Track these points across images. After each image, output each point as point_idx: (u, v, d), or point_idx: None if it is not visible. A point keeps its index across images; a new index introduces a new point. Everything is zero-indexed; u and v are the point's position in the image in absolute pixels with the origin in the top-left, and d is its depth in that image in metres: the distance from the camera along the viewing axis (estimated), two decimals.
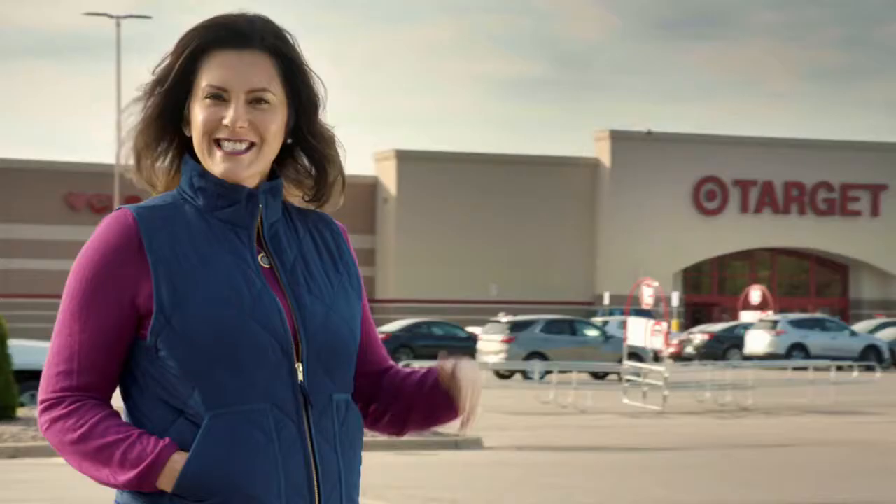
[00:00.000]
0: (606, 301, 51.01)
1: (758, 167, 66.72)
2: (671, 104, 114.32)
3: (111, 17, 50.21)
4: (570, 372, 29.60)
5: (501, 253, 64.24)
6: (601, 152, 66.26)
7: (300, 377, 2.52)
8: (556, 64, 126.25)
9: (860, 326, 51.51)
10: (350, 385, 2.61)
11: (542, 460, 16.61)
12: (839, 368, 33.35)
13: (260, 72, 2.55)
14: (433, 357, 33.97)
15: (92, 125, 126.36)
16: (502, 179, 64.85)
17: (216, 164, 2.55)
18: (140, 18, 52.31)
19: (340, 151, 2.66)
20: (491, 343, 38.27)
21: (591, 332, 38.76)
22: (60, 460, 12.90)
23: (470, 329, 44.92)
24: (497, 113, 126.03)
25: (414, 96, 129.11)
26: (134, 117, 2.60)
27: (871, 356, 44.95)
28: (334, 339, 2.56)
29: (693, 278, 68.10)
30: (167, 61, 2.59)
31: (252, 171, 2.56)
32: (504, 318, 40.43)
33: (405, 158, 64.10)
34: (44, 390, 2.54)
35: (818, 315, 53.32)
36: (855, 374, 35.28)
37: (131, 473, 2.46)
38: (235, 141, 2.53)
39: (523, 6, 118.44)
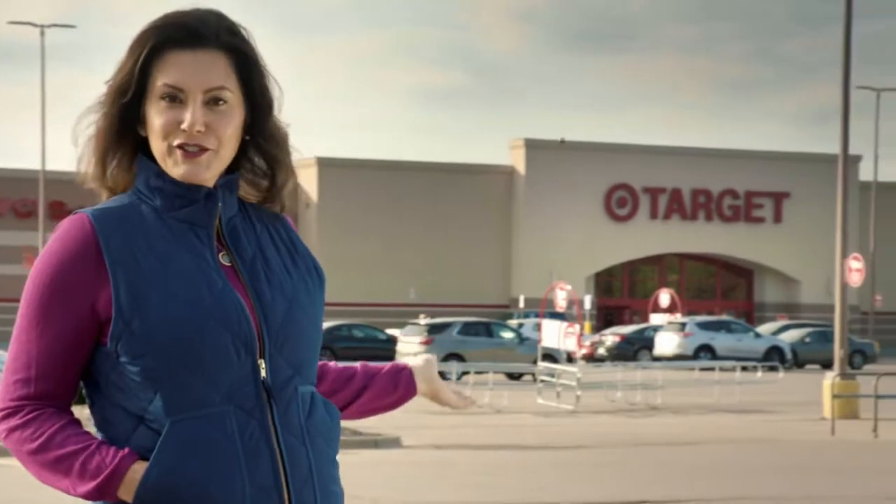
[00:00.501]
0: (521, 304, 51.15)
1: (667, 175, 67.29)
2: (584, 114, 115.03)
3: (35, 25, 49.67)
4: (487, 373, 29.67)
5: (420, 257, 64.26)
6: (516, 160, 66.49)
7: (263, 373, 2.45)
8: (474, 74, 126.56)
9: (764, 328, 52.11)
10: (314, 376, 2.56)
11: (459, 459, 16.63)
12: (744, 369, 33.70)
13: (216, 70, 2.46)
14: (354, 359, 33.89)
15: (17, 132, 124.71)
16: (421, 186, 64.89)
17: (176, 167, 2.46)
18: (64, 28, 51.68)
19: (293, 154, 2.57)
20: (409, 345, 38.26)
21: (507, 334, 38.87)
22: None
23: (389, 331, 44.88)
24: (416, 122, 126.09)
25: (335, 105, 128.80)
26: (91, 127, 2.51)
27: (774, 357, 45.49)
28: (297, 332, 2.50)
29: (605, 282, 68.53)
30: (123, 65, 2.48)
31: (212, 174, 2.48)
32: (423, 320, 40.45)
33: (326, 165, 63.92)
34: (2, 398, 2.45)
35: (724, 317, 53.86)
36: (759, 374, 35.66)
37: (91, 485, 2.39)
38: (193, 145, 2.45)
39: (442, 18, 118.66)
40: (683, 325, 47.55)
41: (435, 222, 64.73)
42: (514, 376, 35.03)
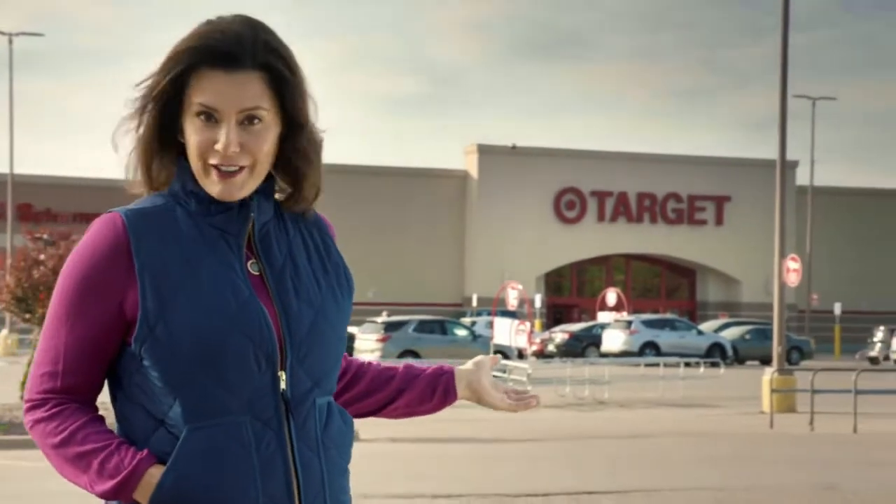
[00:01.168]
0: (475, 302, 51.18)
1: (613, 179, 67.54)
2: (535, 121, 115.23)
3: (4, 34, 49.27)
4: None
5: (378, 258, 64.17)
6: (470, 165, 66.55)
7: (283, 385, 2.38)
8: (429, 82, 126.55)
9: (706, 326, 52.38)
10: (333, 387, 2.49)
11: (414, 452, 16.58)
12: (687, 365, 33.85)
13: (251, 90, 2.38)
14: None
15: None
16: (379, 189, 64.81)
17: (212, 185, 2.40)
18: (32, 36, 51.23)
19: (323, 157, 2.52)
20: (367, 342, 38.19)
21: (461, 332, 38.87)
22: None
23: (348, 329, 44.78)
24: (374, 127, 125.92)
25: None
26: (131, 135, 2.44)
27: (716, 353, 45.73)
28: (321, 344, 2.43)
29: (554, 282, 68.68)
30: (157, 81, 2.40)
31: (246, 191, 2.41)
32: (380, 319, 40.40)
33: None
34: (29, 390, 2.43)
35: (668, 316, 54.09)
36: (701, 370, 35.85)
37: (108, 484, 2.35)
38: (228, 165, 2.38)
39: (399, 27, 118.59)
40: (629, 322, 47.71)
41: (392, 225, 64.67)
42: None
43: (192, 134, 2.39)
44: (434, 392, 2.67)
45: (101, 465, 2.35)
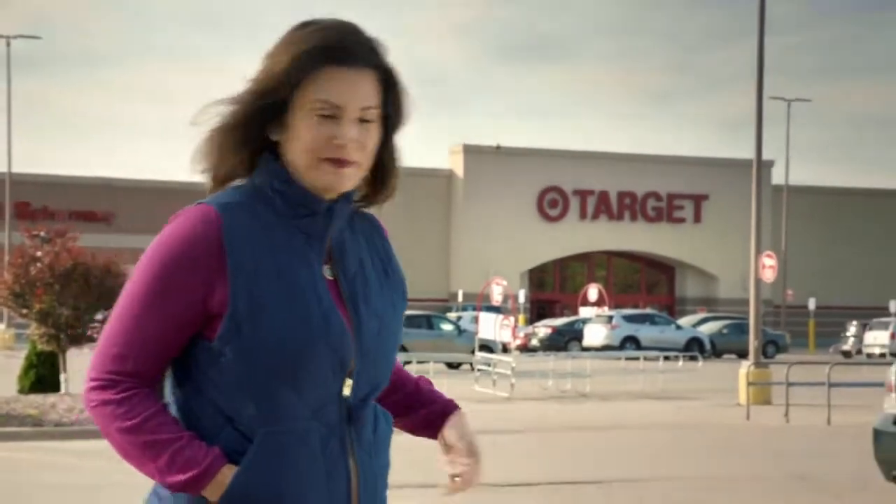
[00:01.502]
0: (460, 298, 51.19)
1: (595, 178, 67.60)
2: (519, 121, 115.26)
3: (2, 37, 49.15)
4: (428, 362, 29.64)
5: None
6: (455, 164, 66.55)
7: (347, 391, 2.35)
8: (415, 84, 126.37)
9: (685, 321, 52.47)
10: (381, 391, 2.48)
11: (399, 442, 16.56)
12: (666, 358, 33.91)
13: (369, 88, 2.37)
14: None
15: None
16: None
17: (322, 175, 2.35)
18: (30, 39, 51.09)
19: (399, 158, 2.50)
20: None
21: (447, 327, 38.87)
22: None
23: None
24: None
25: None
26: (218, 119, 2.37)
27: (694, 347, 45.83)
28: (383, 352, 2.41)
29: (537, 278, 68.75)
30: (274, 75, 2.34)
31: (351, 185, 2.40)
32: None
33: None
34: (96, 368, 2.33)
35: (648, 311, 54.17)
36: (680, 363, 35.92)
37: (179, 477, 2.29)
38: (343, 160, 2.35)
39: (385, 29, 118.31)
40: (610, 317, 47.78)
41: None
42: (454, 366, 35.04)
43: (306, 130, 2.33)
44: (424, 428, 2.67)
45: (171, 457, 2.29)
